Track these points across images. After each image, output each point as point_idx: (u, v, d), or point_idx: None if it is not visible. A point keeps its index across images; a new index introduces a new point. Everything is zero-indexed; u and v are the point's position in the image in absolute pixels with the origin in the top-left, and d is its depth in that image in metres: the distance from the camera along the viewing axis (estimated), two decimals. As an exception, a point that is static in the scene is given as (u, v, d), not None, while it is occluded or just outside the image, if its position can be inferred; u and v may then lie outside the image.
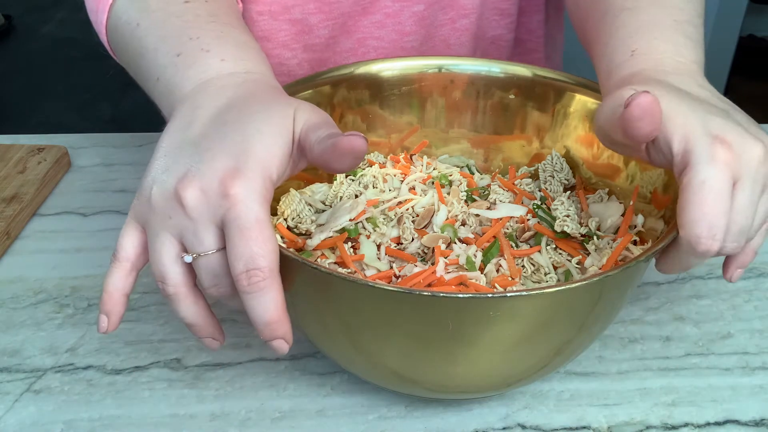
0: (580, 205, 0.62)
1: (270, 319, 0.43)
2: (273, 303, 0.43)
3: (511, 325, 0.47)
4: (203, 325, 0.47)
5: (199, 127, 0.46)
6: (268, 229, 0.43)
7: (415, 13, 0.80)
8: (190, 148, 0.45)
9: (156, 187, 0.44)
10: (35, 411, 0.57)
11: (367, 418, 0.57)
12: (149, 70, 0.54)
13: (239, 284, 0.42)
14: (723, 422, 0.57)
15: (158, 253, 0.44)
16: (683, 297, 0.69)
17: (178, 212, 0.43)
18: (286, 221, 0.61)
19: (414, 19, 0.80)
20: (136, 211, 0.46)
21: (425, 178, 0.66)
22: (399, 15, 0.80)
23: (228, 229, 0.42)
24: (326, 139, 0.44)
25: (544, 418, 0.57)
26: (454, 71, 0.67)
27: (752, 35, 2.83)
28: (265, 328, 0.44)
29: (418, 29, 0.81)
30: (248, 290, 0.42)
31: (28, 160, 0.82)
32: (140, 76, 0.57)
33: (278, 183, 0.46)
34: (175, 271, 0.44)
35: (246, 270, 0.42)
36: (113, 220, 0.77)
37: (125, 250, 0.46)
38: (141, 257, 0.46)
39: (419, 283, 0.54)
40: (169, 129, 0.47)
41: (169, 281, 0.44)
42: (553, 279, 0.57)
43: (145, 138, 0.90)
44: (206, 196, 0.43)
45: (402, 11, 0.80)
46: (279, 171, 0.45)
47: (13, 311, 0.66)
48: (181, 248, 0.44)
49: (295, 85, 0.63)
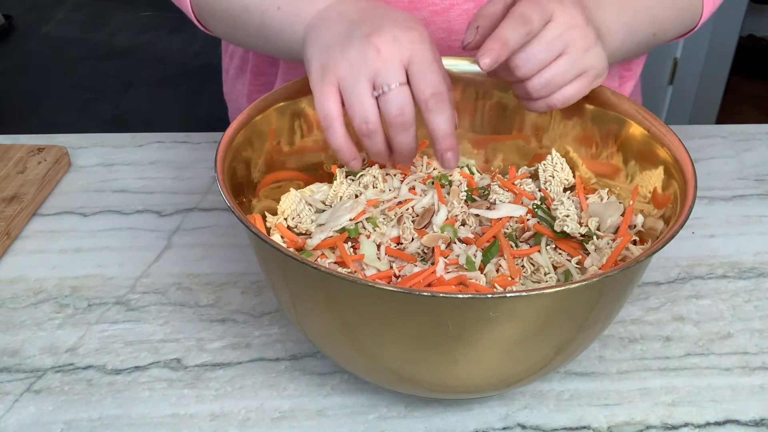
0: (580, 205, 0.62)
1: (448, 130, 0.55)
2: (450, 119, 0.55)
3: (510, 325, 0.47)
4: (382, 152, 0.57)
5: (354, 15, 0.57)
6: (443, 66, 0.56)
7: (465, 11, 0.76)
8: (360, 25, 0.56)
9: (350, 48, 0.55)
10: (35, 411, 0.57)
11: (367, 418, 0.57)
12: (265, 2, 0.64)
13: (427, 105, 0.54)
14: (723, 422, 0.57)
15: (360, 97, 0.54)
16: (683, 297, 0.69)
17: (374, 58, 0.54)
18: (286, 221, 0.61)
19: (464, 17, 0.76)
20: (330, 76, 0.55)
21: (425, 178, 0.66)
22: (447, 12, 0.76)
23: (415, 65, 0.54)
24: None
25: (544, 418, 0.57)
26: (453, 72, 0.67)
27: (752, 35, 2.83)
28: (443, 140, 0.55)
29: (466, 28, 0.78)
30: (434, 109, 0.54)
31: (28, 160, 0.82)
32: (251, 11, 0.65)
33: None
34: (376, 110, 0.55)
35: (432, 93, 0.54)
36: (113, 220, 0.77)
37: (333, 109, 0.55)
38: (342, 113, 0.56)
39: (419, 283, 0.54)
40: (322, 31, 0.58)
41: (372, 119, 0.55)
42: (553, 279, 0.57)
43: (145, 138, 0.90)
44: (397, 42, 0.54)
45: (451, 8, 0.76)
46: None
47: (13, 311, 0.66)
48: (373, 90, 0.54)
49: (297, 84, 0.63)
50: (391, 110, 0.54)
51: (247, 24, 0.66)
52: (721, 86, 2.18)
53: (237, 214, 0.48)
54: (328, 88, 0.55)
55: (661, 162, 0.58)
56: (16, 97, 2.76)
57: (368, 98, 0.54)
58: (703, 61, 2.06)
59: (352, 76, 0.54)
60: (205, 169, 0.85)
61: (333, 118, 0.55)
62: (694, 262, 0.73)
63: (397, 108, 0.54)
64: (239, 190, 0.57)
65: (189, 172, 0.84)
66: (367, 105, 0.54)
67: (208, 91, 2.76)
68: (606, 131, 0.63)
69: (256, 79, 0.87)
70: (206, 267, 0.71)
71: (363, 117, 0.55)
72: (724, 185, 0.84)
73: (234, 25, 0.68)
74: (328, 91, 0.55)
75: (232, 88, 0.93)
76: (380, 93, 0.54)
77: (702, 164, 0.86)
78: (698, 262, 0.73)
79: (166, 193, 0.81)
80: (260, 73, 0.87)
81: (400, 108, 0.54)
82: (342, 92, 0.55)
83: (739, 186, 0.84)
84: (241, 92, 0.90)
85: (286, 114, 0.62)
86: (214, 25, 0.72)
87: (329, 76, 0.55)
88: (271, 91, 0.62)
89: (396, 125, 0.55)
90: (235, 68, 0.91)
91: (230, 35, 0.72)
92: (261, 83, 0.87)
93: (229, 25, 0.69)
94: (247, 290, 0.69)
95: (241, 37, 0.70)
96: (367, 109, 0.55)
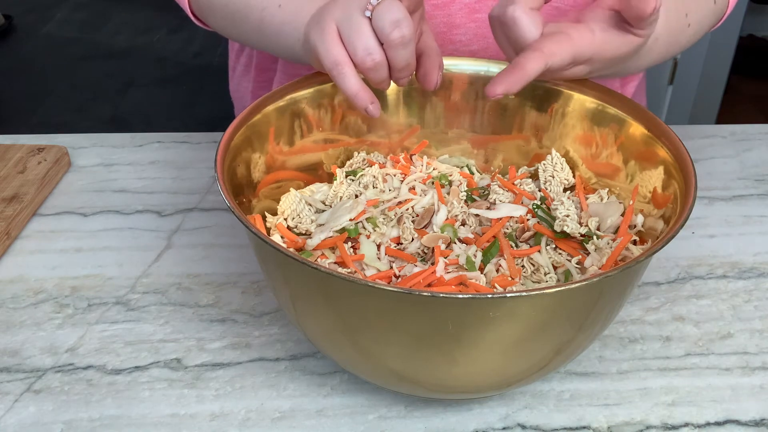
0: (580, 205, 0.62)
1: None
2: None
3: (511, 325, 0.47)
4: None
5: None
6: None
7: (466, 4, 0.75)
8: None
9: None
10: (35, 411, 0.57)
11: (367, 418, 0.57)
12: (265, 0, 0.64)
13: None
14: (723, 422, 0.57)
15: (359, 29, 0.53)
16: (683, 297, 0.69)
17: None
18: (286, 221, 0.61)
19: (465, 11, 0.75)
20: (327, 22, 0.54)
21: (425, 178, 0.66)
22: (448, 6, 0.75)
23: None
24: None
25: (544, 418, 0.57)
26: (453, 72, 0.67)
27: (752, 35, 2.83)
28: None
29: (467, 22, 0.76)
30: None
31: (28, 160, 0.82)
32: (251, 7, 0.65)
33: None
34: (376, 42, 0.53)
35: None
36: (113, 220, 0.77)
37: (340, 53, 0.54)
38: (350, 58, 0.54)
39: (419, 283, 0.54)
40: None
41: (375, 51, 0.53)
42: (553, 279, 0.57)
43: (145, 138, 0.90)
44: None
45: (452, 3, 0.75)
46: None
47: (13, 311, 0.66)
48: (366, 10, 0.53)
49: (297, 84, 0.63)
50: (385, 24, 0.52)
51: (246, 20, 0.66)
52: (721, 86, 2.18)
53: (237, 214, 0.48)
54: (329, 36, 0.54)
55: (661, 162, 0.58)
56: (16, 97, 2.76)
57: (367, 29, 0.53)
58: (703, 61, 2.06)
59: (345, 11, 0.53)
60: (205, 169, 0.85)
61: (343, 63, 0.54)
62: (694, 262, 0.73)
63: (391, 20, 0.52)
64: (239, 190, 0.57)
65: (189, 172, 0.84)
66: (367, 35, 0.53)
67: (208, 90, 2.76)
68: (606, 131, 0.63)
69: (260, 76, 0.87)
70: (206, 267, 0.71)
71: (365, 49, 0.53)
72: (724, 185, 0.84)
73: (233, 21, 0.68)
74: (330, 38, 0.54)
75: (239, 85, 0.93)
76: (371, 10, 0.52)
77: (702, 164, 0.86)
78: (698, 262, 0.73)
79: (166, 193, 0.81)
80: (264, 69, 0.87)
81: (394, 20, 0.52)
82: (341, 33, 0.54)
83: (739, 186, 0.84)
84: (246, 89, 0.90)
85: (286, 114, 0.62)
86: (213, 20, 0.71)
87: (326, 24, 0.54)
88: (270, 91, 0.62)
89: (394, 41, 0.53)
90: (242, 66, 0.91)
91: (229, 31, 0.72)
92: (264, 79, 0.87)
93: (227, 20, 0.69)
94: (247, 290, 0.69)
95: (239, 33, 0.70)
96: (367, 39, 0.53)
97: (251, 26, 0.66)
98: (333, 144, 0.67)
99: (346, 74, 0.54)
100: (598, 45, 0.57)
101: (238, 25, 0.68)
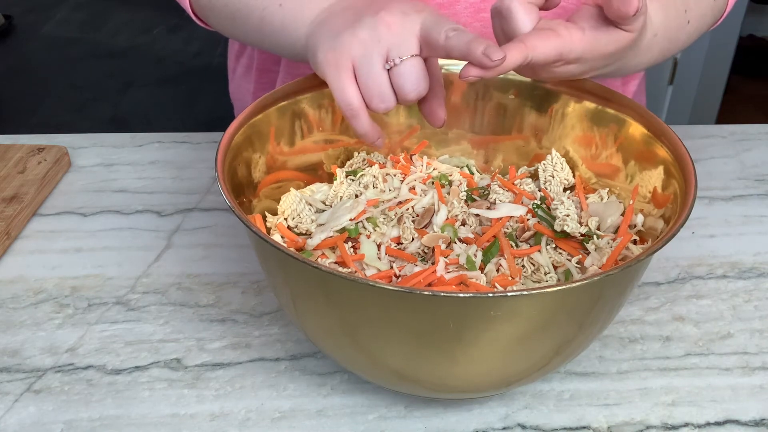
0: (580, 204, 0.62)
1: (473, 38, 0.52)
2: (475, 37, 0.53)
3: (511, 325, 0.47)
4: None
5: (360, 4, 0.57)
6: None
7: (471, 4, 0.75)
8: (368, 9, 0.55)
9: (360, 28, 0.54)
10: (35, 411, 0.57)
11: (367, 418, 0.57)
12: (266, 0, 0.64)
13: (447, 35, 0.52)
14: (723, 422, 0.57)
15: (377, 75, 0.53)
16: (683, 297, 0.69)
17: (386, 33, 0.53)
18: (286, 221, 0.61)
19: (470, 11, 0.75)
20: (344, 60, 0.54)
21: (425, 178, 0.66)
22: (453, 6, 0.75)
23: (428, 20, 0.53)
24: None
25: (544, 418, 0.57)
26: (453, 72, 0.67)
27: (752, 35, 2.83)
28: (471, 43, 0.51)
29: (472, 22, 0.76)
30: (455, 35, 0.52)
31: (28, 160, 0.82)
32: (251, 6, 0.65)
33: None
34: (391, 91, 0.54)
35: (452, 27, 0.52)
36: (113, 220, 0.77)
37: (355, 98, 0.54)
38: (363, 100, 0.55)
39: (419, 282, 0.54)
40: (329, 23, 0.57)
41: (389, 100, 0.54)
42: (553, 279, 0.57)
43: (145, 138, 0.90)
44: (406, 15, 0.54)
45: (457, 2, 0.75)
46: None
47: (13, 311, 0.66)
48: (386, 63, 0.54)
49: (297, 84, 0.63)
50: (405, 84, 0.53)
51: (246, 19, 0.66)
52: (721, 86, 2.18)
53: (237, 214, 0.48)
54: (345, 74, 0.54)
55: (661, 162, 0.58)
56: (16, 97, 2.76)
57: (385, 80, 0.53)
58: (703, 61, 2.06)
59: (365, 55, 0.53)
60: (205, 169, 0.85)
61: (357, 108, 0.55)
62: (694, 262, 0.73)
63: (412, 82, 0.53)
64: (239, 190, 0.57)
65: (189, 172, 0.84)
66: (384, 86, 0.54)
67: (208, 90, 2.76)
68: (606, 131, 0.63)
69: (262, 77, 0.87)
70: (206, 267, 0.71)
71: (380, 96, 0.54)
72: (724, 185, 0.84)
73: (233, 20, 0.68)
74: (345, 77, 0.54)
75: (239, 87, 0.93)
76: (392, 66, 0.53)
77: (702, 164, 0.86)
78: (698, 262, 0.73)
79: (166, 193, 0.81)
80: (265, 70, 0.86)
81: (415, 82, 0.53)
82: (357, 73, 0.54)
83: (739, 186, 0.84)
84: (247, 90, 0.90)
85: (286, 114, 0.62)
86: (213, 19, 0.71)
87: (343, 60, 0.54)
88: (271, 91, 0.62)
89: (411, 100, 0.54)
90: (243, 67, 0.91)
91: (230, 30, 0.72)
92: (265, 81, 0.87)
93: (228, 19, 0.69)
94: (247, 290, 0.69)
95: (240, 32, 0.70)
96: (383, 88, 0.54)
97: (252, 25, 0.66)
98: (333, 144, 0.67)
99: (359, 117, 0.55)
100: (588, 42, 0.56)
101: (239, 25, 0.67)
